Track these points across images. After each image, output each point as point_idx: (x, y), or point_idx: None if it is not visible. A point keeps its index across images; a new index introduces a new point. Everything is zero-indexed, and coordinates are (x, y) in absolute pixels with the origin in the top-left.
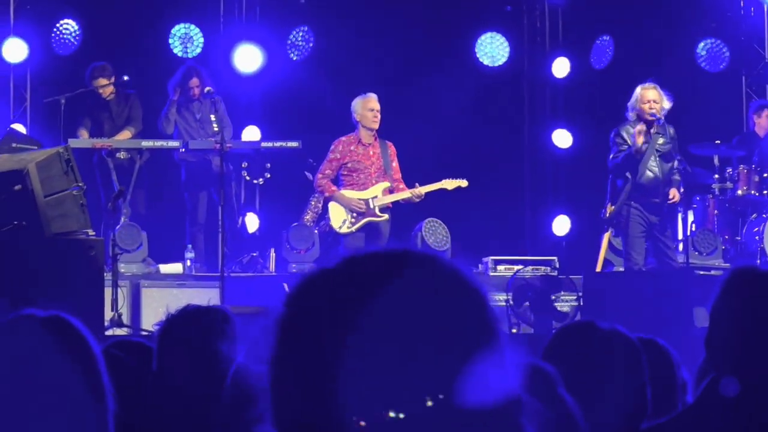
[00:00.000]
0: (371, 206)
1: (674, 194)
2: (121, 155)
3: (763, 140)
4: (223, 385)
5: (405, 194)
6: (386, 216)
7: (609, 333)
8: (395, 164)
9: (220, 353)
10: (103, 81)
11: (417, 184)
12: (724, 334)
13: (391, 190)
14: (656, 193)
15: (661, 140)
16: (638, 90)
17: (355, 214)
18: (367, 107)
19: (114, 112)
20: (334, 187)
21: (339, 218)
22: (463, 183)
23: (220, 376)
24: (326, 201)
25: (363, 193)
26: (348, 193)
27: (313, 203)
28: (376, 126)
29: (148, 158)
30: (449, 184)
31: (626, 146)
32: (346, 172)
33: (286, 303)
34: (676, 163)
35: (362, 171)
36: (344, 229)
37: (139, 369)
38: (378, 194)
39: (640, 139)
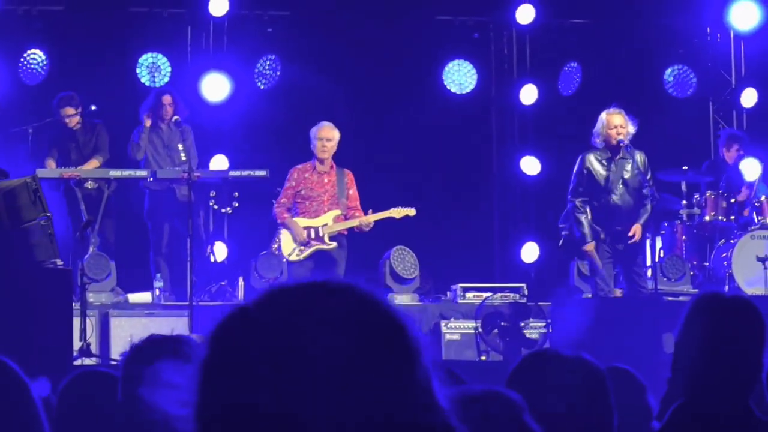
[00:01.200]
0: (320, 234)
1: (635, 231)
2: (89, 185)
3: (731, 167)
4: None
5: (353, 222)
6: (335, 244)
7: (573, 360)
8: (352, 192)
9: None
10: (70, 110)
11: (371, 211)
12: (689, 359)
13: (344, 218)
14: (620, 220)
15: (627, 166)
16: (604, 115)
17: (303, 243)
18: (316, 136)
19: (81, 142)
20: (287, 215)
21: (289, 246)
22: (411, 212)
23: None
24: (280, 227)
25: (313, 221)
26: (298, 221)
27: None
28: (324, 156)
29: (116, 187)
30: (397, 212)
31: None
32: (299, 200)
33: (208, 344)
34: (645, 190)
35: (314, 199)
36: (293, 257)
37: (105, 399)
38: (329, 222)
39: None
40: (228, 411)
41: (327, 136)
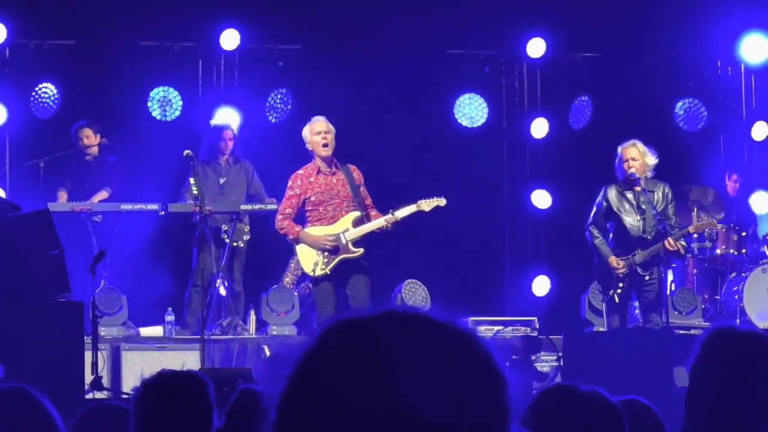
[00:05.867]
0: (343, 241)
1: (670, 242)
2: (98, 218)
3: (738, 200)
4: None
5: (379, 222)
6: (361, 250)
7: (590, 395)
8: (363, 190)
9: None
10: (88, 132)
11: (391, 210)
12: (704, 394)
13: (362, 220)
14: (635, 250)
15: (648, 198)
16: (619, 149)
17: (326, 253)
18: (314, 131)
19: (94, 174)
20: (297, 227)
21: (310, 261)
22: (441, 202)
23: None
24: (293, 244)
25: (331, 227)
26: (314, 231)
27: (292, 265)
28: (327, 153)
29: (127, 220)
30: (426, 204)
31: (603, 211)
32: (310, 207)
33: (292, 381)
34: (670, 221)
35: (328, 203)
36: (318, 272)
37: None
38: (349, 226)
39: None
40: None
41: (324, 128)
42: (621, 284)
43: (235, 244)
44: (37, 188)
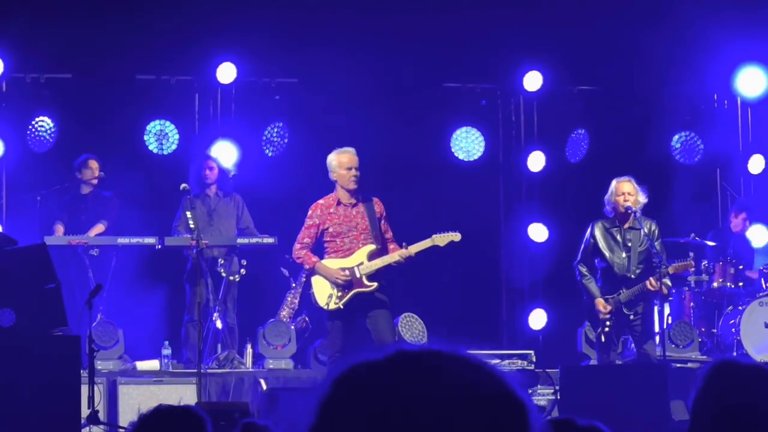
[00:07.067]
0: (357, 275)
1: (651, 282)
2: (94, 252)
3: (737, 235)
4: None
5: (393, 257)
6: (375, 285)
7: (587, 429)
8: (384, 224)
9: None
10: (94, 164)
11: (405, 244)
12: (706, 427)
13: (378, 253)
14: (620, 288)
15: (636, 235)
16: (614, 183)
17: (340, 287)
18: (343, 166)
19: (90, 207)
20: (314, 258)
21: (324, 294)
22: (456, 236)
23: None
24: (309, 274)
25: (346, 260)
26: (330, 263)
27: (289, 299)
28: (354, 187)
29: (123, 254)
30: (441, 239)
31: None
32: (328, 238)
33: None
34: (655, 260)
35: (345, 234)
36: (332, 306)
37: None
38: (363, 260)
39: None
40: None
41: (355, 164)
42: (608, 323)
43: (231, 278)
44: (33, 222)
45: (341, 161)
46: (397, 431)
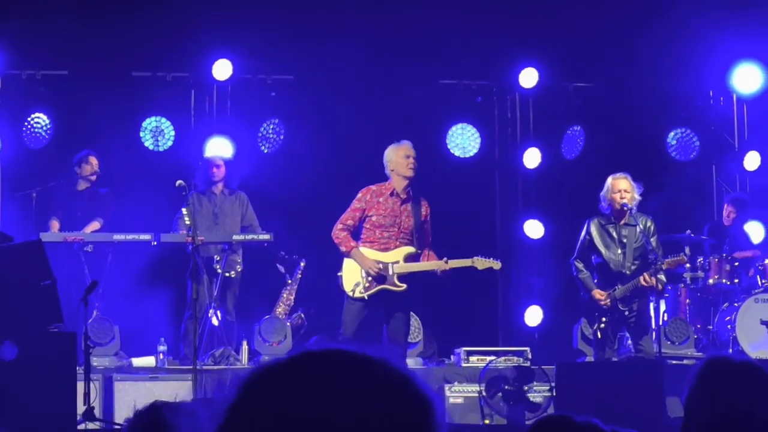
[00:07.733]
0: (390, 272)
1: (644, 277)
2: (89, 249)
3: (731, 229)
4: None
5: (430, 265)
6: (404, 286)
7: (585, 426)
8: (427, 227)
9: None
10: (94, 160)
11: (445, 259)
12: (700, 424)
13: (415, 257)
14: (616, 284)
15: (632, 232)
16: (609, 180)
17: (370, 279)
18: (402, 154)
19: (86, 204)
20: (353, 243)
21: (352, 280)
22: (496, 265)
23: None
24: (343, 256)
25: (382, 254)
26: (368, 252)
27: (285, 296)
28: (412, 174)
29: (119, 250)
30: (480, 263)
31: (586, 245)
32: (368, 226)
33: (235, 401)
34: (650, 256)
35: (387, 228)
36: (357, 294)
37: None
38: (400, 259)
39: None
40: None
41: (413, 153)
42: (604, 319)
43: (227, 274)
44: (29, 218)
45: (399, 151)
46: None
